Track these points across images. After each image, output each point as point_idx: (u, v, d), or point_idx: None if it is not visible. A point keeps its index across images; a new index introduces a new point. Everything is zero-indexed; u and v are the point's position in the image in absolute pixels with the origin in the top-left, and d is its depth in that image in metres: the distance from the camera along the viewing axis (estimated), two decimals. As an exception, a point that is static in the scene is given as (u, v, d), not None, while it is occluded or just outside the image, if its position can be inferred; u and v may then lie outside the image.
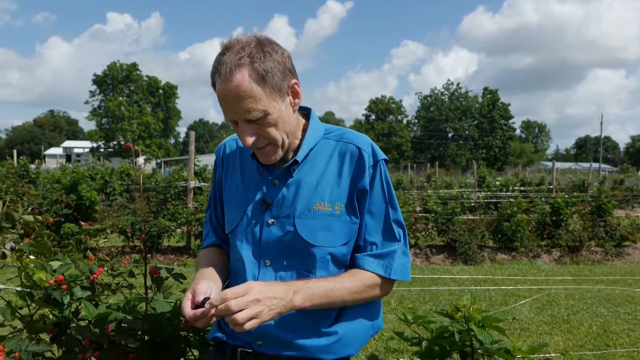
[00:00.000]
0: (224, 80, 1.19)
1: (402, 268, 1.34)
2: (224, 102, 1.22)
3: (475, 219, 10.00)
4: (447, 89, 70.88)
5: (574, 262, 9.36)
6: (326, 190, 1.31)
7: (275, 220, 1.31)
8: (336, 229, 1.30)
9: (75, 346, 1.71)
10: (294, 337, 1.29)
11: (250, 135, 1.23)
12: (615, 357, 4.48)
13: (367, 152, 1.34)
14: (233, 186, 1.42)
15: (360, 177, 1.31)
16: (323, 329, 1.31)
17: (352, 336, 1.34)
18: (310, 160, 1.34)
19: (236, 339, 1.35)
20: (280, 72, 1.22)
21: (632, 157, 70.27)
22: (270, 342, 1.30)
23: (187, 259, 8.48)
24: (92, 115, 53.93)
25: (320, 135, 1.38)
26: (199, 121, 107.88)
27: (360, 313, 1.36)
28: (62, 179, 9.56)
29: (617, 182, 23.20)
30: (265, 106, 1.20)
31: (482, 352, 1.58)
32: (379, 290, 1.34)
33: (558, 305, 6.21)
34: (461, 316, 1.57)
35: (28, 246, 1.82)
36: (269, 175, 1.35)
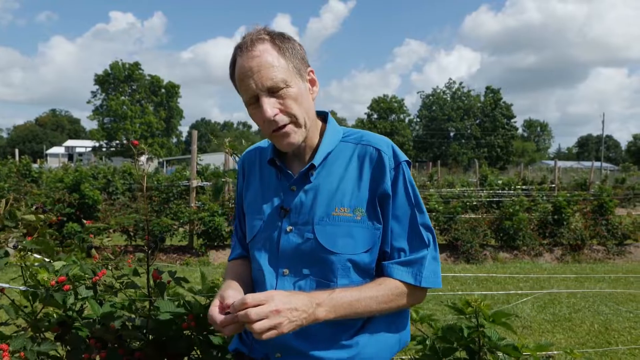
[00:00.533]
0: (246, 51, 1.21)
1: (432, 274, 1.27)
2: (245, 75, 1.21)
3: (478, 218, 10.01)
4: (449, 88, 70.80)
5: (576, 261, 9.35)
6: (346, 195, 1.26)
7: (293, 228, 1.27)
8: (357, 235, 1.24)
9: (81, 345, 1.72)
10: (314, 349, 1.23)
11: (272, 107, 1.21)
12: (617, 354, 4.48)
13: (387, 154, 1.28)
14: (253, 195, 1.39)
15: (381, 180, 1.26)
16: (344, 341, 1.24)
17: (375, 350, 1.26)
18: (329, 164, 1.30)
19: (256, 351, 1.30)
20: (299, 58, 1.26)
21: (634, 155, 70.10)
22: (289, 353, 1.24)
23: (189, 258, 8.51)
24: (94, 114, 54.05)
25: (339, 138, 1.34)
26: (201, 120, 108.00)
27: (385, 325, 1.29)
28: (64, 178, 9.59)
29: (618, 180, 23.14)
30: (287, 77, 1.21)
31: (490, 347, 1.59)
32: (409, 298, 1.27)
33: (560, 304, 6.22)
34: (472, 311, 1.58)
35: (31, 244, 1.83)
36: (287, 181, 1.32)
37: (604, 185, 12.97)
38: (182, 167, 14.03)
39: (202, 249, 8.78)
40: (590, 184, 16.23)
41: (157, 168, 22.87)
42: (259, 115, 1.23)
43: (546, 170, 32.47)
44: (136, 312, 1.84)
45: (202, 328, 1.80)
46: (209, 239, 8.92)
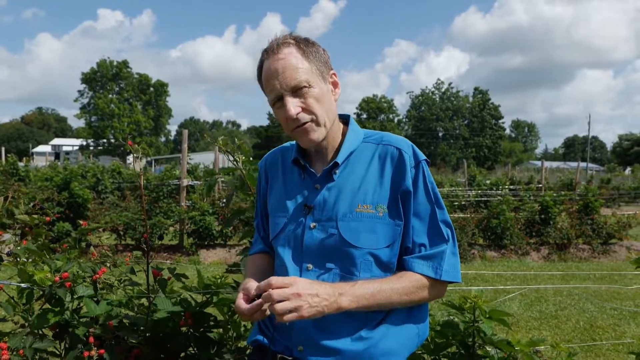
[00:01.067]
0: (272, 54, 1.30)
1: (452, 268, 1.31)
2: (271, 76, 1.29)
3: (466, 217, 10.11)
4: (438, 88, 71.24)
5: (562, 260, 9.50)
6: (368, 193, 1.31)
7: (317, 224, 1.32)
8: (379, 231, 1.29)
9: (79, 343, 1.74)
10: (335, 342, 1.26)
11: (295, 106, 1.28)
12: (602, 350, 4.59)
13: (407, 153, 1.34)
14: (276, 195, 1.45)
15: (402, 178, 1.31)
16: (364, 334, 1.27)
17: (395, 343, 1.30)
18: (351, 163, 1.36)
19: (277, 343, 1.33)
20: (322, 61, 1.35)
21: (619, 156, 71.11)
22: (310, 347, 1.27)
23: (179, 257, 8.49)
24: (82, 112, 53.50)
25: (360, 139, 1.40)
26: (190, 119, 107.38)
27: (404, 319, 1.33)
28: (54, 177, 9.52)
29: (604, 181, 23.52)
30: (310, 78, 1.29)
31: (485, 342, 1.65)
32: (430, 292, 1.30)
33: (546, 301, 6.33)
34: (470, 307, 1.64)
35: (24, 251, 1.85)
36: (310, 180, 1.37)
37: (589, 186, 13.19)
38: (171, 166, 13.97)
39: (192, 248, 8.77)
40: (577, 184, 16.47)
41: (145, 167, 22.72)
42: (283, 113, 1.31)
43: (533, 170, 32.84)
44: (134, 310, 1.87)
45: (199, 325, 1.83)
46: (200, 238, 8.91)
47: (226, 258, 8.65)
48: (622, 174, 36.60)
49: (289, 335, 1.30)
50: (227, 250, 8.93)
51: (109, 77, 54.36)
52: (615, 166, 49.00)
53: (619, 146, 74.85)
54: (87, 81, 54.30)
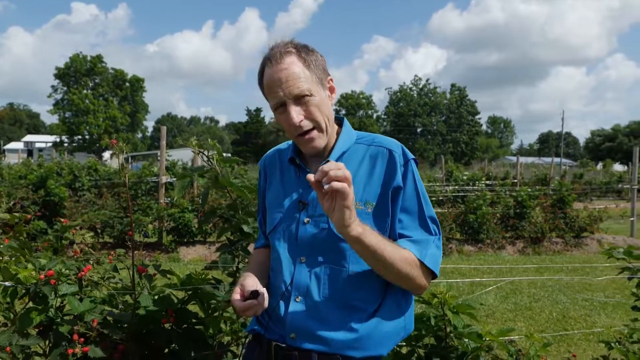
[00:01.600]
0: (275, 63, 1.36)
1: (434, 258, 1.36)
2: (274, 84, 1.36)
3: (444, 212, 10.28)
4: (416, 85, 71.82)
5: (536, 253, 9.76)
6: (358, 190, 1.37)
7: (310, 219, 1.39)
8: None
9: (63, 340, 1.75)
10: (326, 331, 1.32)
11: (297, 114, 1.35)
12: (573, 339, 4.76)
13: (397, 152, 1.42)
14: (274, 192, 1.53)
15: (393, 176, 1.38)
16: (355, 324, 1.33)
17: (383, 335, 1.36)
18: (343, 162, 1.38)
19: (272, 332, 1.40)
20: (321, 68, 1.42)
21: (591, 152, 72.91)
22: (302, 334, 1.34)
23: (159, 255, 8.41)
24: (55, 108, 52.27)
25: (353, 140, 1.48)
26: (167, 115, 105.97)
27: (394, 312, 1.39)
28: (28, 174, 9.33)
29: (577, 176, 24.11)
30: (311, 87, 1.36)
31: (455, 335, 1.72)
32: (418, 272, 1.33)
33: (521, 294, 6.51)
34: (437, 302, 1.71)
35: (7, 248, 1.85)
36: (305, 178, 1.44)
37: (563, 181, 13.52)
38: (149, 163, 13.82)
39: (171, 246, 8.72)
40: (550, 179, 16.86)
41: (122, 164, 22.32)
42: (285, 119, 1.38)
43: (509, 165, 33.46)
44: (117, 307, 1.88)
45: (181, 322, 1.86)
46: (179, 235, 8.86)
47: (206, 255, 8.63)
48: (594, 169, 37.57)
49: (283, 324, 1.36)
50: (206, 247, 8.90)
51: (83, 72, 53.19)
52: (587, 161, 50.24)
53: (591, 142, 76.74)
54: (61, 76, 53.02)
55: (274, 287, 1.45)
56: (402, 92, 71.21)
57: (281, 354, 1.36)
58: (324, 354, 1.32)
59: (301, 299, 1.36)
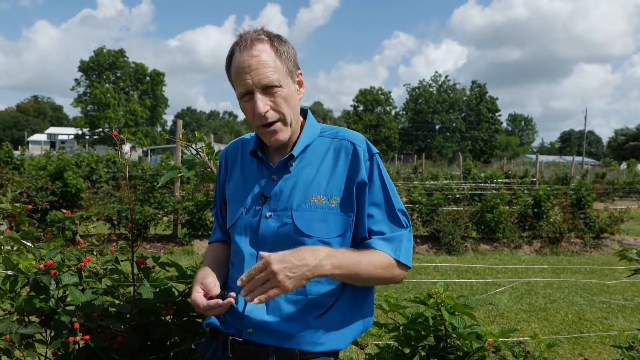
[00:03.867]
0: (246, 49, 1.30)
1: (407, 253, 1.37)
2: (242, 71, 1.30)
3: (459, 210, 10.16)
4: (435, 81, 71.10)
5: (554, 253, 9.58)
6: (322, 184, 1.36)
7: (272, 213, 1.36)
8: (331, 221, 1.34)
9: (64, 329, 1.76)
10: (283, 326, 1.31)
11: (264, 104, 1.31)
12: (588, 342, 4.65)
13: (361, 147, 1.39)
14: (235, 184, 1.49)
15: (357, 171, 1.36)
16: (312, 319, 1.32)
17: (341, 329, 1.35)
18: (307, 156, 1.41)
19: (229, 325, 1.38)
20: (292, 60, 1.37)
21: (615, 151, 71.29)
22: (260, 330, 1.32)
23: (173, 247, 8.51)
24: (77, 102, 53.16)
25: (317, 133, 1.45)
26: (187, 109, 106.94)
27: (351, 307, 1.38)
28: (47, 165, 9.50)
29: (599, 175, 23.60)
30: (280, 78, 1.32)
31: (455, 336, 1.68)
32: (395, 271, 1.35)
33: (536, 294, 6.39)
34: (434, 302, 1.67)
35: (6, 239, 1.86)
36: (267, 171, 1.42)
37: (583, 180, 13.25)
38: (166, 156, 13.95)
39: (186, 238, 8.79)
40: (571, 179, 16.53)
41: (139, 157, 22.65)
42: (251, 109, 1.33)
43: (529, 164, 32.92)
44: (119, 298, 1.88)
45: (182, 314, 1.85)
46: (193, 229, 8.93)
47: (220, 248, 8.68)
48: (618, 169, 36.74)
49: (240, 318, 1.34)
50: (221, 241, 8.95)
51: (106, 66, 53.96)
52: (610, 161, 49.16)
53: (614, 141, 75.04)
54: (84, 70, 53.89)
55: (232, 281, 1.41)
56: (422, 89, 70.57)
57: (238, 348, 1.34)
58: (280, 349, 1.31)
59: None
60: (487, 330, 1.49)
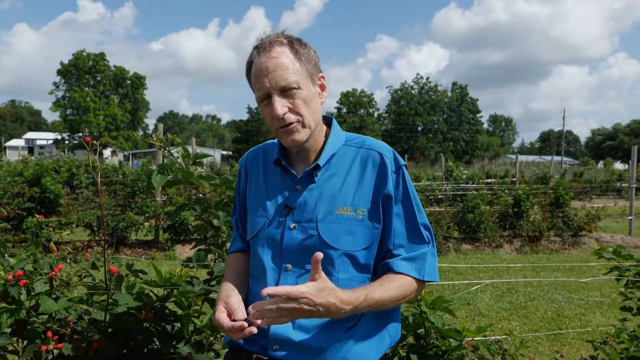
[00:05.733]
0: (264, 52, 1.30)
1: (432, 269, 1.36)
2: (261, 74, 1.29)
3: (441, 211, 10.25)
4: (417, 83, 71.68)
5: (534, 252, 9.72)
6: (349, 195, 1.33)
7: (297, 225, 1.33)
8: (358, 233, 1.31)
9: (37, 338, 1.73)
10: (311, 341, 1.27)
11: (282, 106, 1.28)
12: (567, 338, 4.73)
13: (389, 158, 1.36)
14: (257, 194, 1.45)
15: (384, 182, 1.33)
16: (341, 335, 1.29)
17: (368, 345, 1.32)
18: (333, 166, 1.37)
19: (253, 343, 1.33)
20: (312, 63, 1.35)
21: (592, 150, 72.72)
22: (286, 345, 1.28)
23: (155, 253, 8.42)
24: (56, 106, 52.27)
25: (342, 142, 1.41)
26: (169, 113, 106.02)
27: (378, 322, 1.36)
28: (24, 171, 9.32)
29: (577, 174, 24.06)
30: (299, 80, 1.30)
31: (434, 332, 1.69)
32: (414, 292, 1.35)
33: (517, 293, 6.48)
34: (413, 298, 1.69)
35: None
36: (292, 181, 1.38)
37: (561, 179, 13.48)
38: (147, 161, 13.80)
39: (168, 243, 8.71)
40: (550, 178, 16.81)
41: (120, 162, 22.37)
42: (269, 111, 1.31)
43: (510, 164, 33.39)
44: (94, 305, 1.86)
45: (160, 319, 1.84)
46: (175, 234, 8.85)
47: (202, 253, 8.61)
48: (595, 168, 37.50)
49: (265, 335, 1.30)
50: (205, 246, 8.87)
51: (85, 70, 53.17)
52: (588, 160, 50.15)
53: (592, 140, 76.50)
54: (63, 74, 53.02)
55: (252, 295, 1.37)
56: (404, 91, 71.07)
57: None
58: None
59: None
60: (464, 327, 1.52)
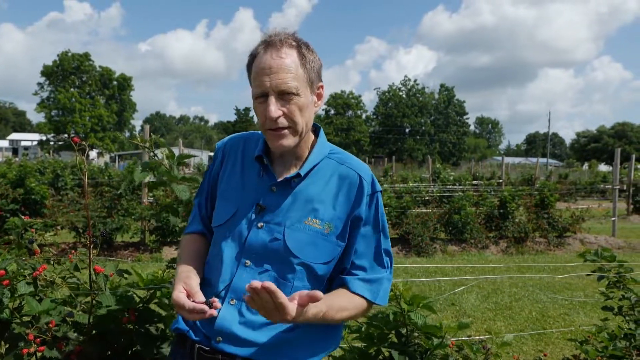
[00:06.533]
0: (273, 49, 1.28)
1: (385, 294, 1.39)
2: (262, 72, 1.27)
3: (428, 212, 10.31)
4: (405, 85, 72.09)
5: (519, 252, 9.82)
6: (320, 209, 1.33)
7: (265, 225, 1.32)
8: (321, 246, 1.32)
9: (19, 341, 1.71)
10: (254, 336, 1.29)
11: (277, 109, 1.27)
12: (551, 338, 4.79)
13: (367, 181, 1.37)
14: (231, 182, 1.43)
15: (358, 204, 1.35)
16: (283, 333, 1.30)
17: (310, 344, 1.34)
18: (312, 176, 1.37)
19: (198, 332, 1.34)
20: (316, 71, 1.34)
21: (577, 152, 73.70)
22: (229, 338, 1.29)
23: (141, 254, 8.36)
24: (41, 107, 51.60)
25: (326, 153, 1.41)
26: (156, 114, 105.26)
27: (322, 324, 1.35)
28: (7, 172, 9.20)
29: (562, 176, 24.36)
30: (299, 87, 1.28)
31: (415, 329, 1.71)
32: (363, 312, 1.39)
33: (502, 293, 6.54)
34: (392, 295, 1.70)
35: None
36: (269, 181, 1.37)
37: (546, 181, 13.64)
38: (133, 162, 13.69)
39: (155, 245, 8.65)
40: (536, 180, 17.00)
41: (106, 163, 22.16)
42: (263, 110, 1.29)
43: (496, 166, 33.70)
44: (77, 307, 1.85)
45: (143, 321, 1.83)
46: (162, 235, 8.79)
47: (189, 255, 8.55)
48: (580, 169, 38.02)
49: (211, 325, 1.30)
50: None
51: (70, 71, 52.57)
52: (573, 162, 50.82)
53: (577, 142, 77.53)
54: (47, 74, 52.36)
55: (206, 283, 1.36)
56: (391, 92, 71.41)
57: (205, 357, 1.31)
58: (248, 359, 1.29)
59: (236, 302, 1.30)
60: (445, 323, 1.54)
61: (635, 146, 60.67)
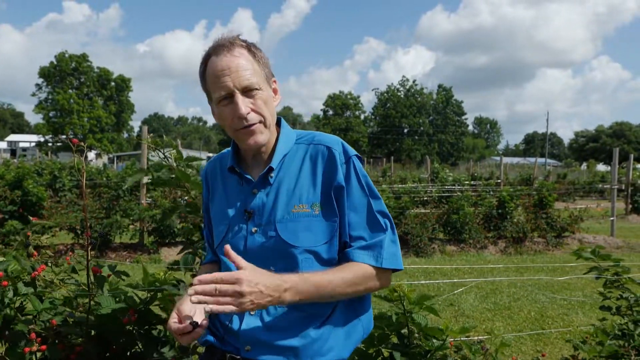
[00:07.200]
0: (225, 52, 1.31)
1: (392, 256, 1.34)
2: (221, 73, 1.29)
3: (427, 213, 10.32)
4: (403, 85, 72.13)
5: (518, 253, 9.83)
6: (303, 193, 1.33)
7: (258, 229, 1.34)
8: (316, 228, 1.32)
9: (21, 340, 1.72)
10: (283, 341, 1.28)
11: (245, 106, 1.30)
12: (550, 338, 4.79)
13: (337, 150, 1.37)
14: (218, 203, 1.46)
15: (334, 175, 1.34)
16: (312, 332, 1.30)
17: (341, 339, 1.34)
18: (285, 166, 1.38)
19: (227, 344, 1.34)
20: (268, 66, 1.39)
21: (575, 152, 73.80)
22: (258, 346, 1.29)
23: (140, 256, 8.35)
24: (39, 108, 51.51)
25: (293, 141, 1.42)
26: (154, 115, 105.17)
27: (349, 315, 1.37)
28: (6, 174, 9.18)
29: (560, 176, 24.39)
30: (260, 81, 1.33)
31: (417, 331, 1.71)
32: (375, 281, 1.34)
33: (501, 293, 6.55)
34: (397, 296, 1.70)
35: None
36: (248, 186, 1.39)
37: (545, 181, 13.66)
38: (132, 163, 13.69)
39: (153, 246, 8.64)
40: (534, 180, 17.02)
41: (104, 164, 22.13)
42: (230, 111, 1.31)
43: (494, 166, 33.73)
44: (77, 308, 1.85)
45: (143, 322, 1.83)
46: (161, 236, 8.78)
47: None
48: (578, 169, 38.08)
49: (237, 336, 1.31)
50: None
51: (68, 72, 52.48)
52: (571, 161, 50.90)
53: (575, 142, 77.65)
54: (45, 75, 52.26)
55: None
56: (390, 93, 71.46)
57: None
58: None
59: (256, 311, 1.30)
60: (447, 326, 1.54)
61: (633, 146, 60.83)
